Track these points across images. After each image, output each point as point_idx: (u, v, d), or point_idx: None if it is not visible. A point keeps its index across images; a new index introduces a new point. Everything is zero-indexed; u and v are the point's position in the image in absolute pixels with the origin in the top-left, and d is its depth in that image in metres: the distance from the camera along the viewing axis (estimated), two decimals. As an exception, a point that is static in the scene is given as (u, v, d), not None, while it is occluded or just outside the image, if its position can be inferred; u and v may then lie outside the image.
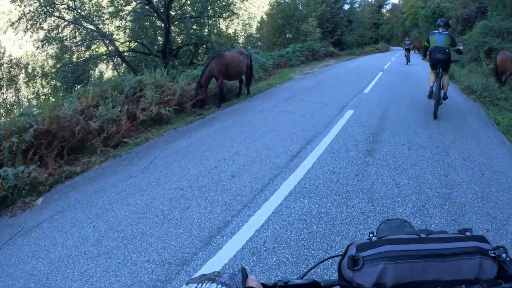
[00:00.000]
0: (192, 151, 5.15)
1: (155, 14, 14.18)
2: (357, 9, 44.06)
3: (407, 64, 20.38)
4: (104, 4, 14.62)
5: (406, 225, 0.98)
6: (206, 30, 17.97)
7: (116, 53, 15.27)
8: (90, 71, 16.17)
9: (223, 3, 16.63)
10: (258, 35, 29.94)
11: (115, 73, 19.03)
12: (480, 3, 24.46)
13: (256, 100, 8.95)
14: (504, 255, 0.70)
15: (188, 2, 15.18)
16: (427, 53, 7.03)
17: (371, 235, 0.87)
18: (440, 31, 6.55)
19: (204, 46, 16.39)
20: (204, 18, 16.34)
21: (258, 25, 31.19)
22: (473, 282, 0.68)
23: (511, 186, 3.80)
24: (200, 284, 0.59)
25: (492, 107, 7.85)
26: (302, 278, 0.78)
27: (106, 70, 19.82)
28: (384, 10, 65.55)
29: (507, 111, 7.41)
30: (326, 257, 0.99)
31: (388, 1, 64.28)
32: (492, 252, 0.69)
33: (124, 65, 17.95)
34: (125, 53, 16.37)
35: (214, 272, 0.65)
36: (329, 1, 32.43)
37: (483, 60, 14.61)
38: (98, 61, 16.00)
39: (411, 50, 21.98)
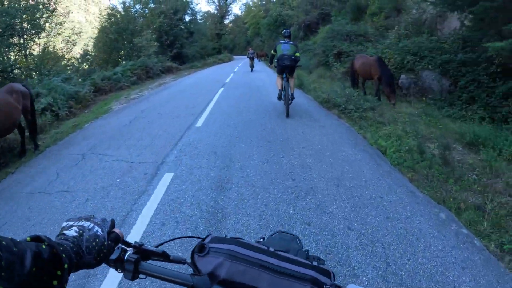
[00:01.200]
0: None
1: None
2: (200, 21, 43.38)
3: (251, 71, 21.37)
4: None
5: (296, 242, 1.07)
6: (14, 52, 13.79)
7: None
8: None
9: (32, 16, 13.05)
10: (94, 53, 25.98)
11: None
12: (321, 9, 26.09)
13: (36, 167, 5.49)
14: None
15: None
16: (275, 60, 7.72)
17: (261, 239, 1.00)
18: (286, 41, 7.52)
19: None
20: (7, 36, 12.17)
21: (94, 41, 27.02)
22: None
23: None
24: (77, 222, 0.75)
25: (363, 123, 6.78)
26: (157, 247, 0.83)
27: None
28: (227, 21, 67.15)
29: (378, 125, 6.56)
30: (188, 235, 1.03)
31: (230, 12, 66.07)
32: (327, 286, 0.73)
33: None
34: None
35: (90, 215, 0.79)
36: (168, 12, 30.43)
37: (333, 64, 14.39)
38: None
39: (255, 58, 23.27)
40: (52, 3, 14.75)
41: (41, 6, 13.80)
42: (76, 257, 0.67)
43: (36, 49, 15.80)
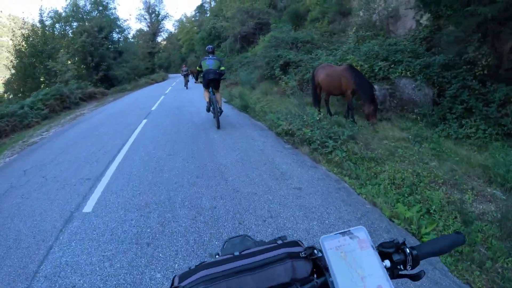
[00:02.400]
0: None
1: None
2: (130, 40, 40.08)
3: (187, 88, 20.87)
4: None
5: (247, 239, 1.04)
6: None
7: None
8: None
9: None
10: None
11: None
12: (258, 18, 24.39)
13: None
14: (316, 251, 0.74)
15: None
16: (201, 75, 7.86)
17: (217, 256, 0.91)
18: (210, 56, 7.73)
19: None
20: None
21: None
22: (290, 284, 0.72)
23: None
24: None
25: (352, 168, 4.44)
26: None
27: None
28: (160, 39, 63.94)
29: (371, 166, 4.40)
30: None
31: (163, 29, 62.84)
32: (303, 253, 0.75)
33: None
34: None
35: None
36: (91, 31, 27.11)
37: (280, 76, 12.19)
38: None
39: (189, 75, 22.61)
40: None
41: None
42: None
43: None
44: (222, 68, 7.84)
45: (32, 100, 14.31)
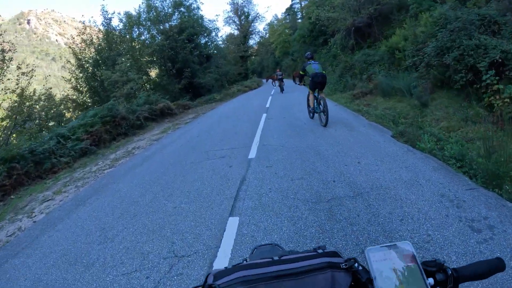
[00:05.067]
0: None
1: None
2: (218, 43, 35.98)
3: (282, 92, 20.39)
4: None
5: (277, 248, 1.06)
6: None
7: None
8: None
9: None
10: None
11: None
12: (378, 4, 17.71)
13: None
14: (356, 265, 0.72)
15: None
16: (309, 78, 7.94)
17: (244, 261, 0.87)
18: (312, 61, 8.04)
19: None
20: None
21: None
22: None
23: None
24: None
25: None
26: None
27: None
28: (251, 42, 59.93)
29: None
30: None
31: (254, 31, 58.65)
32: (343, 264, 0.72)
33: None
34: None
35: None
36: (170, 33, 23.08)
37: (491, 84, 6.07)
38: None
39: (283, 80, 21.88)
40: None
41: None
42: None
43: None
44: (324, 71, 7.97)
45: (72, 126, 9.70)
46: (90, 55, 19.10)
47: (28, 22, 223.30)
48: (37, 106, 14.36)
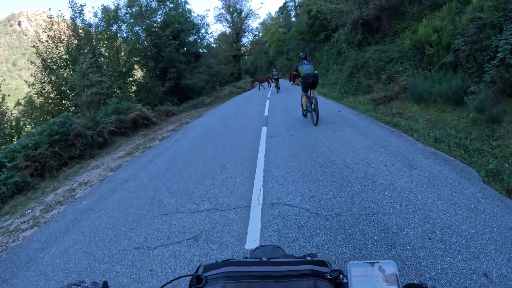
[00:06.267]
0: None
1: None
2: (208, 41, 33.29)
3: (277, 92, 19.91)
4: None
5: (278, 250, 1.09)
6: None
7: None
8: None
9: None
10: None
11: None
12: None
13: None
14: (341, 276, 0.72)
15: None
16: (300, 79, 8.21)
17: (245, 258, 0.88)
18: (305, 62, 8.12)
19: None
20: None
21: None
22: None
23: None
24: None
25: None
26: None
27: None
28: (245, 40, 57.22)
29: None
30: (177, 276, 1.04)
31: (247, 28, 55.82)
32: (328, 274, 0.73)
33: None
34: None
35: (80, 279, 0.71)
36: (152, 29, 20.47)
37: None
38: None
39: (279, 80, 21.50)
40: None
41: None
42: None
43: None
44: (316, 72, 8.05)
45: (12, 149, 7.19)
46: (59, 55, 16.41)
47: (19, 24, 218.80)
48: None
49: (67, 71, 15.89)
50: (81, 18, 17.41)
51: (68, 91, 15.00)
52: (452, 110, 7.26)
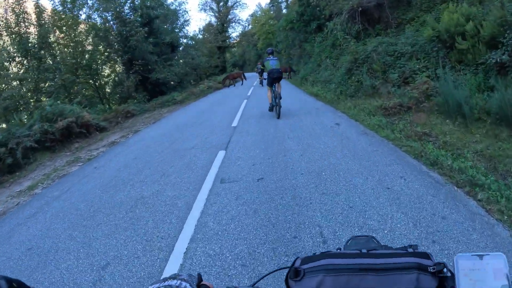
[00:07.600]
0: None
1: None
2: (185, 30, 30.15)
3: (262, 86, 19.28)
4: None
5: (372, 241, 0.98)
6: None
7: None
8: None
9: None
10: None
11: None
12: None
13: None
14: (445, 270, 0.67)
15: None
16: (266, 74, 8.63)
17: (338, 249, 0.87)
18: (271, 57, 8.40)
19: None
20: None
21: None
22: None
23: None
24: (162, 283, 0.62)
25: None
26: (253, 287, 0.79)
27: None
28: (231, 31, 54.30)
29: None
30: (276, 268, 0.95)
31: (234, 18, 52.60)
32: (431, 268, 0.67)
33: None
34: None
35: (175, 273, 0.69)
36: (117, 13, 17.53)
37: None
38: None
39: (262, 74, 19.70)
40: None
41: None
42: None
43: None
44: (280, 67, 8.41)
45: None
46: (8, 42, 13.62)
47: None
48: None
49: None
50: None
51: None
52: (509, 136, 4.76)
